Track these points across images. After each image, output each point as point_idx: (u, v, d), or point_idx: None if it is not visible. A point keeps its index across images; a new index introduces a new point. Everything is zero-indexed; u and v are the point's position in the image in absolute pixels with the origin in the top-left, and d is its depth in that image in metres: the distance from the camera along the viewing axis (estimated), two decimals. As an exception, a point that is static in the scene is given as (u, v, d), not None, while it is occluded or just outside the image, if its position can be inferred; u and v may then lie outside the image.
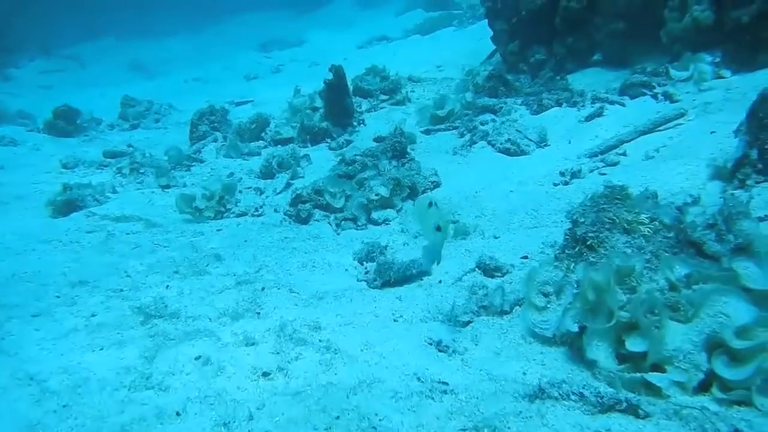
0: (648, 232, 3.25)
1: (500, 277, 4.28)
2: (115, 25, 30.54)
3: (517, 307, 3.75)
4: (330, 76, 8.22)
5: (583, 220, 3.41)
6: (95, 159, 8.71)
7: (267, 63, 19.16)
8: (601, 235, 3.31)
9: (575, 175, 5.68)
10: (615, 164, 5.72)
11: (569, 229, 3.52)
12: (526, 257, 4.51)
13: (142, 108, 11.98)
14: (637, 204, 3.38)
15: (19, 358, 3.64)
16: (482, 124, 7.34)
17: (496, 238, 5.00)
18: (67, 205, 6.52)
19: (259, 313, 3.95)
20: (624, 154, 5.87)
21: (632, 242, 3.23)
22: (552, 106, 7.35)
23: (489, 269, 4.34)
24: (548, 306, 3.35)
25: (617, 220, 3.30)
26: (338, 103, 8.25)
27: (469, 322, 3.67)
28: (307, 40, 22.65)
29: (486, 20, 11.05)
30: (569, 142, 6.53)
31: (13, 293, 4.61)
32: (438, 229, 3.93)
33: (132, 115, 11.79)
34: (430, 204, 4.05)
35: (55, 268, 5.05)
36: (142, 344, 3.65)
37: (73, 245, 5.56)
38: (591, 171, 5.73)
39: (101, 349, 3.65)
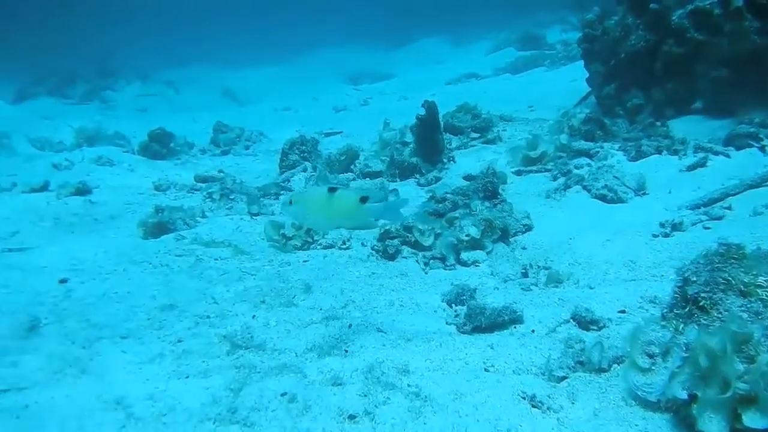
0: (766, 296, 3.04)
1: (596, 330, 4.10)
2: (209, 53, 31.42)
3: (616, 365, 3.56)
4: (422, 111, 8.17)
5: (695, 278, 3.21)
6: (186, 182, 8.84)
7: (356, 95, 19.29)
8: (714, 296, 3.11)
9: (676, 227, 5.44)
10: (719, 218, 5.47)
11: (679, 287, 3.32)
12: (623, 311, 4.32)
13: (233, 135, 12.15)
14: (755, 265, 3.17)
15: (106, 380, 3.64)
16: (577, 168, 7.16)
17: (591, 288, 4.81)
18: (158, 228, 6.60)
19: (346, 351, 3.86)
20: (729, 208, 5.61)
21: (748, 306, 3.03)
22: (651, 153, 7.12)
23: (584, 322, 4.15)
24: (653, 368, 3.15)
25: (733, 282, 3.10)
26: (429, 139, 8.19)
27: (565, 377, 3.50)
28: (396, 75, 22.78)
29: (578, 61, 10.91)
30: (669, 192, 6.30)
31: (103, 313, 4.65)
32: (363, 200, 3.64)
33: (223, 141, 11.97)
34: (332, 189, 3.69)
35: (145, 290, 5.09)
36: (228, 375, 3.61)
37: (162, 268, 5.61)
38: (693, 224, 5.48)
39: (187, 377, 3.62)
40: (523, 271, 5.25)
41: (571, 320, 4.23)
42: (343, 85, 22.40)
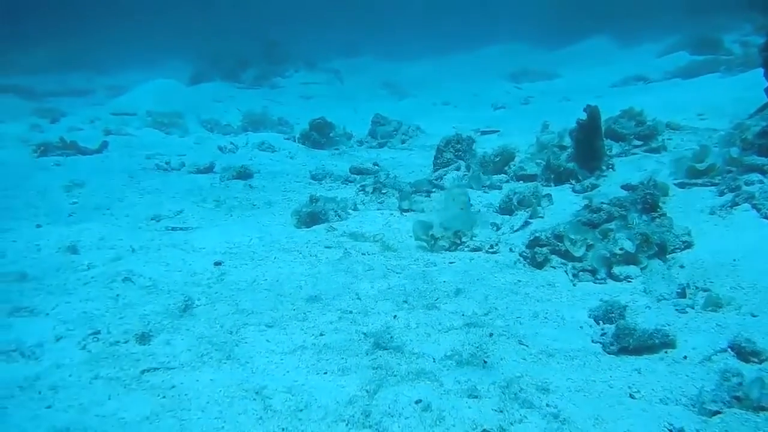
0: None
1: (756, 363, 3.81)
2: (374, 44, 31.96)
3: (777, 404, 3.30)
4: (583, 115, 7.90)
5: None
6: (342, 173, 9.00)
7: (516, 94, 19.01)
8: None
9: None
10: None
11: None
12: (788, 345, 4.00)
13: (390, 128, 12.26)
14: None
15: (249, 368, 3.76)
16: (747, 184, 6.68)
17: (753, 316, 4.47)
18: (311, 217, 6.75)
19: (485, 362, 3.78)
20: None
21: None
22: (832, 174, 6.55)
23: (744, 352, 3.87)
24: (819, 415, 2.89)
25: None
26: (588, 145, 7.91)
27: (718, 412, 3.27)
28: (560, 75, 22.22)
29: (758, 69, 10.16)
30: None
31: (251, 299, 4.81)
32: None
33: (380, 134, 12.11)
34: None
35: (293, 279, 5.22)
36: (365, 375, 3.62)
37: (311, 258, 5.73)
38: None
39: (325, 373, 3.67)
40: (680, 290, 4.95)
41: (729, 349, 3.96)
42: (505, 82, 22.09)
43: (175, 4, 40.80)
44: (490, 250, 5.98)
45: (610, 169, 8.07)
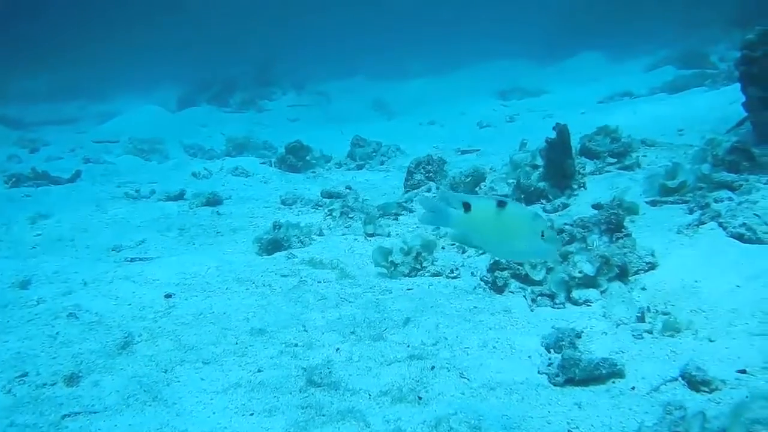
0: None
1: (707, 393, 3.66)
2: (365, 65, 31.96)
3: (720, 438, 3.14)
4: (553, 134, 7.78)
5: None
6: (313, 198, 8.84)
7: (502, 111, 18.87)
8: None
9: (822, 276, 4.82)
10: None
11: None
12: (743, 372, 3.84)
13: (369, 149, 12.14)
14: None
15: (174, 410, 3.61)
16: (716, 201, 6.53)
17: (710, 341, 4.32)
18: (273, 244, 6.61)
19: (420, 398, 3.63)
20: None
21: None
22: (803, 190, 6.40)
23: (695, 381, 3.73)
24: (754, 452, 2.74)
25: None
26: (558, 164, 7.77)
27: (657, 449, 3.12)
28: (548, 91, 22.10)
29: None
30: (820, 236, 5.62)
31: (195, 333, 4.67)
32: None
33: (359, 155, 11.99)
34: (501, 204, 3.13)
35: (241, 311, 5.07)
36: (292, 416, 3.47)
37: (264, 288, 5.58)
38: (844, 275, 4.84)
39: (251, 414, 3.52)
40: (639, 314, 4.81)
41: (680, 378, 3.81)
42: (492, 100, 21.97)
43: (169, 28, 40.97)
44: (450, 275, 5.83)
45: (582, 188, 7.92)
